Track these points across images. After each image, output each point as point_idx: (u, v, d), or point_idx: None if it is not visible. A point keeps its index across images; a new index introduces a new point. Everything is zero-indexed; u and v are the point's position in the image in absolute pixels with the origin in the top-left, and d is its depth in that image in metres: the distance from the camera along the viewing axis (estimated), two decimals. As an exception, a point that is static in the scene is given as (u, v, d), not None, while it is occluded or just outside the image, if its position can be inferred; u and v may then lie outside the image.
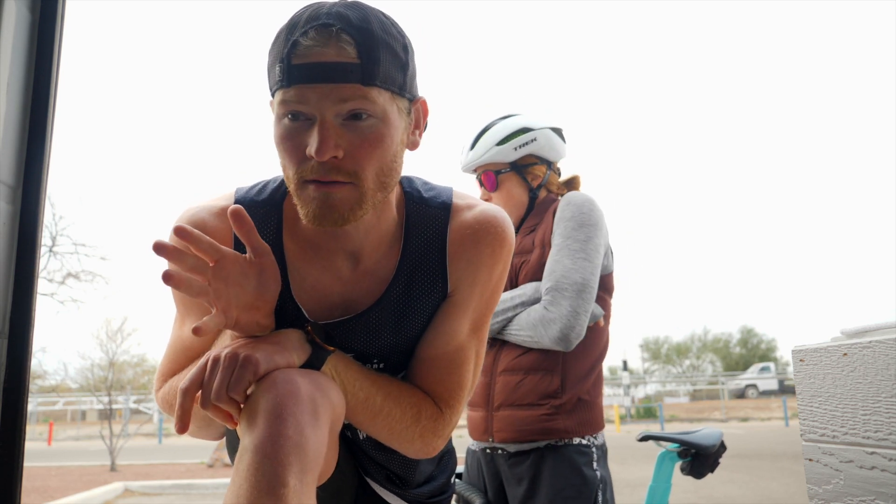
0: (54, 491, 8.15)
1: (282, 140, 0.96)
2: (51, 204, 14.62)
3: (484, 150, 1.96)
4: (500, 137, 1.95)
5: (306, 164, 0.94)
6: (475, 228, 1.09)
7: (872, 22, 58.22)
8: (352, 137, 0.94)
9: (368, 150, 0.95)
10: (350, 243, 1.06)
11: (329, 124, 0.93)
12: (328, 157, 0.92)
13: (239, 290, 0.94)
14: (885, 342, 0.75)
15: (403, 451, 1.12)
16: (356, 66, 0.92)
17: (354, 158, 0.94)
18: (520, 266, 1.89)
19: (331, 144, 0.92)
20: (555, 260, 1.78)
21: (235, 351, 0.92)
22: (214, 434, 1.16)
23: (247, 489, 0.80)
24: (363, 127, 0.94)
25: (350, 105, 0.93)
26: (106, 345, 13.03)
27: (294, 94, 0.93)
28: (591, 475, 1.72)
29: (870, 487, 0.75)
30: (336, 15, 0.93)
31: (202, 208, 1.07)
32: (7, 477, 1.00)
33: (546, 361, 1.77)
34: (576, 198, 1.86)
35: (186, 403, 0.91)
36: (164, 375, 1.14)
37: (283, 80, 0.93)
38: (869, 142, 55.50)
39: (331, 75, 0.92)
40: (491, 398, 1.82)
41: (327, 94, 0.92)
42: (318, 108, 0.93)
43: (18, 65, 1.04)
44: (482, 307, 1.12)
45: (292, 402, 0.87)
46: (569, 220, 1.81)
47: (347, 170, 0.94)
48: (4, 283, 1.02)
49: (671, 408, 27.36)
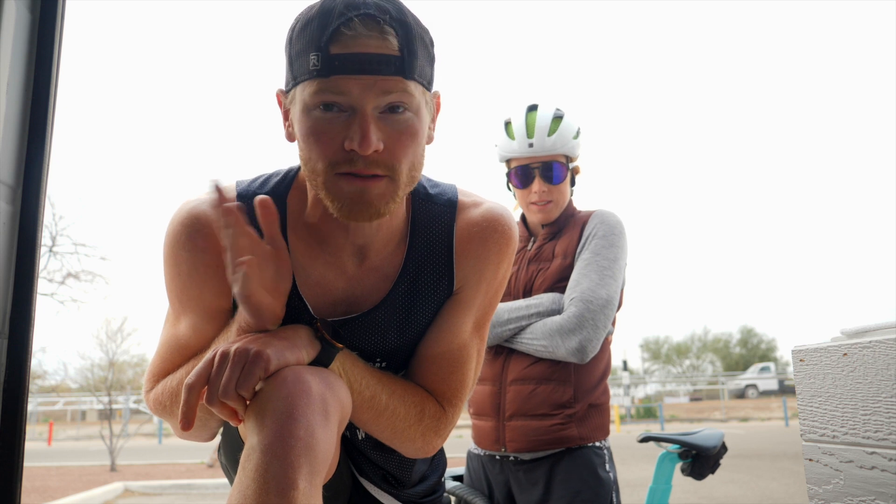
0: (54, 491, 8.14)
1: (313, 132, 0.93)
2: (51, 204, 14.64)
3: (566, 139, 1.90)
4: (574, 132, 1.92)
5: (342, 157, 0.92)
6: (483, 226, 1.08)
7: (873, 22, 58.24)
8: (390, 131, 0.93)
9: (405, 143, 0.94)
10: (360, 238, 1.05)
11: (370, 117, 0.91)
12: (371, 150, 0.90)
13: (262, 274, 0.93)
14: (885, 342, 0.75)
15: (403, 451, 1.11)
16: (398, 59, 0.91)
17: (392, 152, 0.93)
18: (536, 273, 1.87)
19: (374, 138, 0.90)
20: (582, 273, 1.78)
21: (245, 346, 0.90)
22: (206, 435, 1.14)
23: (255, 490, 0.79)
24: (400, 120, 0.93)
25: (391, 98, 0.92)
26: (106, 345, 13.03)
27: (333, 84, 0.90)
28: (607, 477, 1.74)
29: (870, 487, 0.75)
30: (375, 5, 0.91)
31: (203, 201, 1.04)
32: (7, 477, 1.00)
33: (558, 372, 1.78)
34: (609, 217, 1.88)
35: (192, 399, 0.88)
36: (157, 375, 1.11)
37: (320, 69, 0.89)
38: (869, 142, 55.53)
39: (375, 67, 0.89)
40: (502, 408, 1.81)
41: (370, 86, 0.90)
42: (359, 100, 0.90)
43: (18, 65, 1.04)
44: (485, 305, 1.12)
45: (304, 401, 0.86)
46: (601, 238, 1.82)
47: (385, 163, 0.93)
48: (4, 283, 1.02)
49: (671, 408, 27.34)
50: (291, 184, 1.07)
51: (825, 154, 56.32)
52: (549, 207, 1.91)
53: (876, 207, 55.28)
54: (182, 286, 1.04)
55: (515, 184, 1.93)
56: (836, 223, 56.88)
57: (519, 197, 1.95)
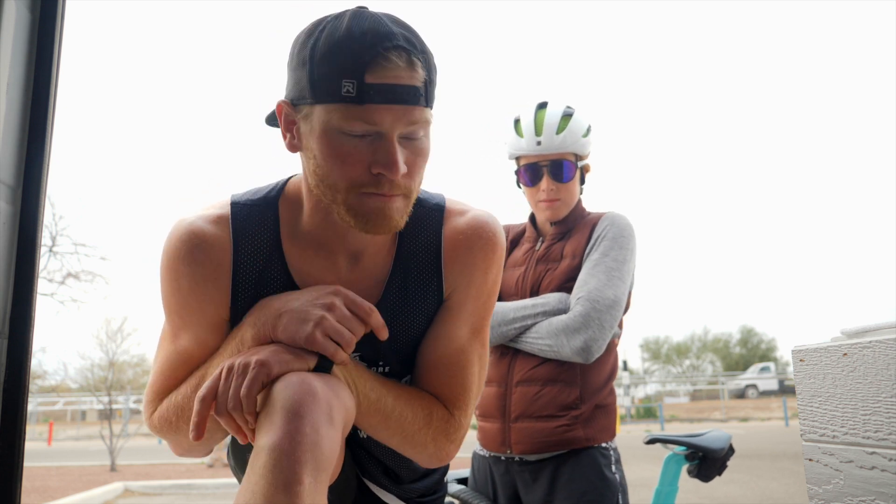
0: (54, 491, 8.15)
1: (339, 154, 0.96)
2: (51, 204, 14.60)
3: (575, 137, 1.88)
4: (584, 129, 1.90)
5: (368, 179, 0.96)
6: (468, 234, 1.11)
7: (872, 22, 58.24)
8: (408, 155, 0.98)
9: (421, 165, 1.00)
10: (356, 244, 1.08)
11: (397, 144, 0.96)
12: (399, 176, 0.95)
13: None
14: (885, 342, 0.75)
15: (417, 458, 1.13)
16: (423, 90, 0.96)
17: (410, 174, 0.99)
18: (544, 273, 1.86)
19: (401, 164, 0.95)
20: (590, 273, 1.77)
21: (248, 357, 0.94)
22: (205, 450, 1.15)
23: (263, 486, 0.81)
24: (417, 144, 0.99)
25: (415, 127, 0.97)
26: (106, 345, 13.05)
27: (366, 111, 0.93)
28: (613, 478, 1.73)
29: (870, 487, 0.75)
30: (404, 38, 0.95)
31: (198, 217, 1.07)
32: (7, 477, 1.00)
33: (564, 373, 1.77)
34: (620, 220, 1.87)
35: (203, 411, 0.92)
36: (160, 393, 1.11)
37: (356, 96, 0.92)
38: (869, 142, 55.53)
39: (406, 98, 0.94)
40: (507, 409, 1.80)
41: (400, 117, 0.95)
42: (389, 128, 0.95)
43: (18, 65, 1.04)
44: (479, 310, 1.13)
45: (310, 400, 0.88)
46: (610, 240, 1.82)
47: (405, 185, 0.98)
48: (4, 283, 1.02)
49: (671, 408, 27.35)
50: (281, 192, 1.10)
51: (825, 154, 56.35)
52: (558, 205, 1.90)
53: (876, 207, 55.32)
54: (183, 300, 1.06)
55: (524, 181, 1.92)
56: (835, 223, 56.92)
57: (528, 195, 1.94)
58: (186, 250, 1.04)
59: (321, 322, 0.96)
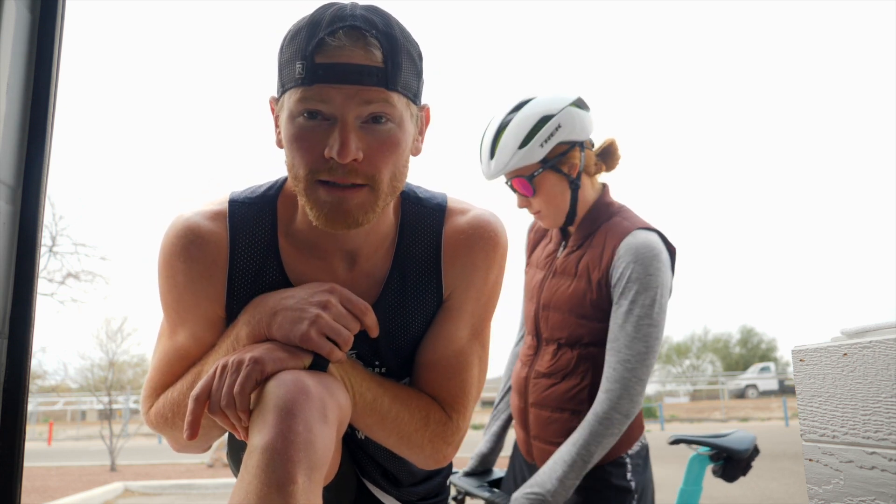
0: (54, 491, 8.15)
1: (296, 139, 0.95)
2: (51, 204, 14.62)
3: (508, 156, 1.71)
4: (522, 138, 1.70)
5: (321, 165, 0.94)
6: (468, 234, 1.09)
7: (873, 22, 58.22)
8: (370, 141, 0.94)
9: (386, 153, 0.95)
10: (349, 244, 1.06)
11: (351, 126, 0.93)
12: (350, 159, 0.92)
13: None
14: (885, 342, 0.75)
15: (414, 460, 1.12)
16: (381, 70, 0.92)
17: (372, 162, 0.95)
18: (556, 290, 1.80)
19: (353, 147, 0.92)
20: (620, 328, 1.66)
21: (242, 354, 0.94)
22: (203, 447, 1.15)
23: (256, 486, 0.80)
24: (382, 131, 0.95)
25: (372, 108, 0.93)
26: (106, 345, 13.05)
27: (316, 92, 0.92)
28: (625, 485, 1.72)
29: (870, 487, 0.75)
30: (362, 18, 0.93)
31: (196, 213, 1.06)
32: (7, 477, 1.00)
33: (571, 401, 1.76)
34: (641, 249, 1.67)
35: (197, 410, 0.92)
36: (157, 389, 1.12)
37: (305, 77, 0.91)
38: (869, 142, 55.50)
39: (357, 77, 0.91)
40: (527, 425, 1.84)
41: (352, 96, 0.92)
42: (340, 109, 0.92)
43: (18, 65, 1.04)
44: (480, 312, 1.12)
45: (303, 398, 0.88)
46: (634, 282, 1.66)
47: (365, 173, 0.95)
48: (4, 283, 1.01)
49: (671, 408, 27.34)
50: (280, 190, 1.09)
51: (826, 154, 56.33)
52: (543, 217, 1.82)
53: (876, 208, 55.30)
54: (178, 296, 1.06)
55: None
56: (835, 223, 56.90)
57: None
58: (182, 246, 1.04)
59: (316, 320, 0.96)
